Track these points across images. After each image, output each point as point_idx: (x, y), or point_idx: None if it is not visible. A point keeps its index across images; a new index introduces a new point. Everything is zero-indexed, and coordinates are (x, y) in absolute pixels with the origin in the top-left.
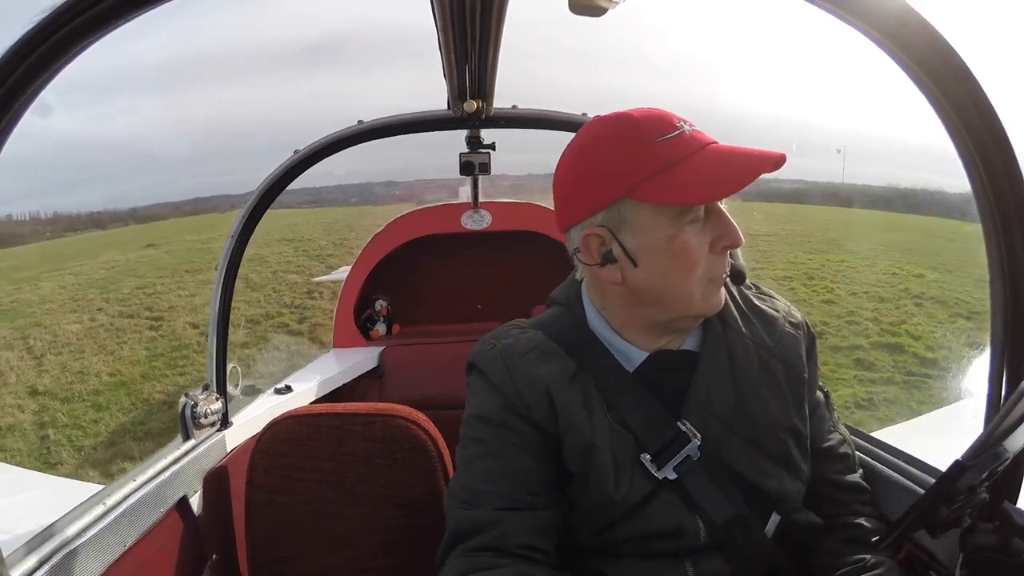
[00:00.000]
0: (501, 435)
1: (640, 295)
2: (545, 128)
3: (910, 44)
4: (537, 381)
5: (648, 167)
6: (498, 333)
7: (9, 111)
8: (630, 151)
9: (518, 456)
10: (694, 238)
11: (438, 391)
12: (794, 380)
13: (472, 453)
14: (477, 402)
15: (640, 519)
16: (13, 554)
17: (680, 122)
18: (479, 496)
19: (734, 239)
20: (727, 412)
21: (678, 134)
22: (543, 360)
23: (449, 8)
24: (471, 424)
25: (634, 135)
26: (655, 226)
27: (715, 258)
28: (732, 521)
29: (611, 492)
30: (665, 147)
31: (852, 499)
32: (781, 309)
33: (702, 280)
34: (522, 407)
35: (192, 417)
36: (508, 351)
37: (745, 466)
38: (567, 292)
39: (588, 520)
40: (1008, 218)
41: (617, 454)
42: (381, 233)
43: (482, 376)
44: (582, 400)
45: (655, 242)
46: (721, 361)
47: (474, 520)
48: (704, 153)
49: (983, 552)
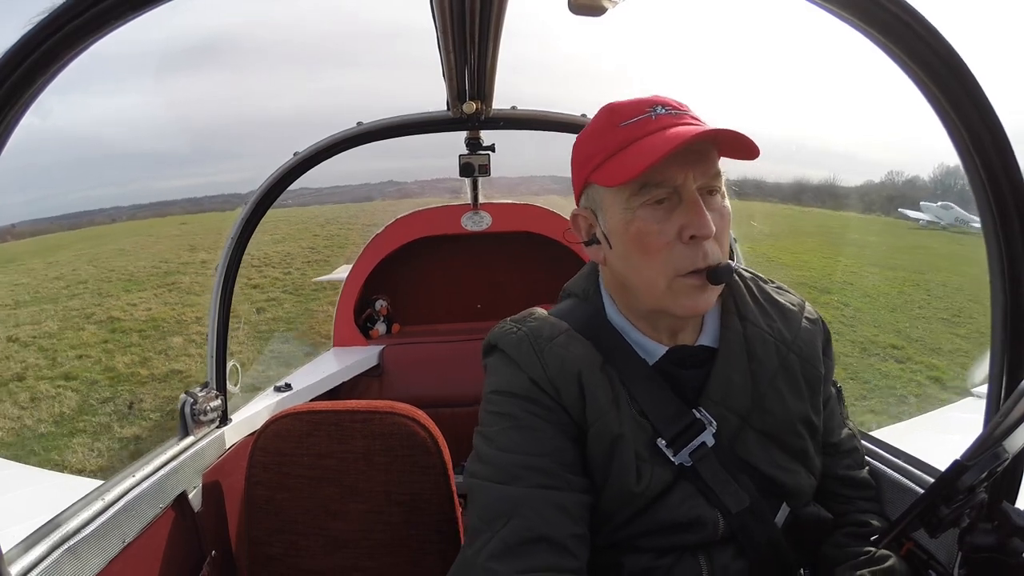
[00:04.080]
0: (531, 410)
1: (620, 278)
2: (545, 129)
3: (910, 44)
4: (569, 365)
5: (605, 151)
6: (519, 318)
7: (9, 112)
8: (597, 137)
9: (551, 433)
10: (651, 223)
11: (438, 390)
12: (811, 375)
13: (498, 428)
14: (501, 379)
15: (659, 511)
16: (13, 549)
17: (656, 107)
18: (512, 471)
19: (698, 228)
20: (744, 406)
21: (641, 118)
22: (572, 346)
23: (448, 9)
24: (493, 400)
25: (606, 122)
26: (615, 208)
27: (683, 248)
28: (746, 511)
29: (632, 486)
30: (624, 131)
31: (859, 495)
32: (798, 304)
33: (666, 271)
34: (551, 389)
35: (191, 414)
36: (535, 333)
37: (761, 459)
38: (584, 284)
39: (607, 514)
40: (1008, 218)
41: (638, 446)
42: (381, 234)
43: (505, 356)
44: (610, 391)
45: (616, 225)
46: (739, 356)
47: (512, 499)
48: (654, 135)
49: (981, 552)
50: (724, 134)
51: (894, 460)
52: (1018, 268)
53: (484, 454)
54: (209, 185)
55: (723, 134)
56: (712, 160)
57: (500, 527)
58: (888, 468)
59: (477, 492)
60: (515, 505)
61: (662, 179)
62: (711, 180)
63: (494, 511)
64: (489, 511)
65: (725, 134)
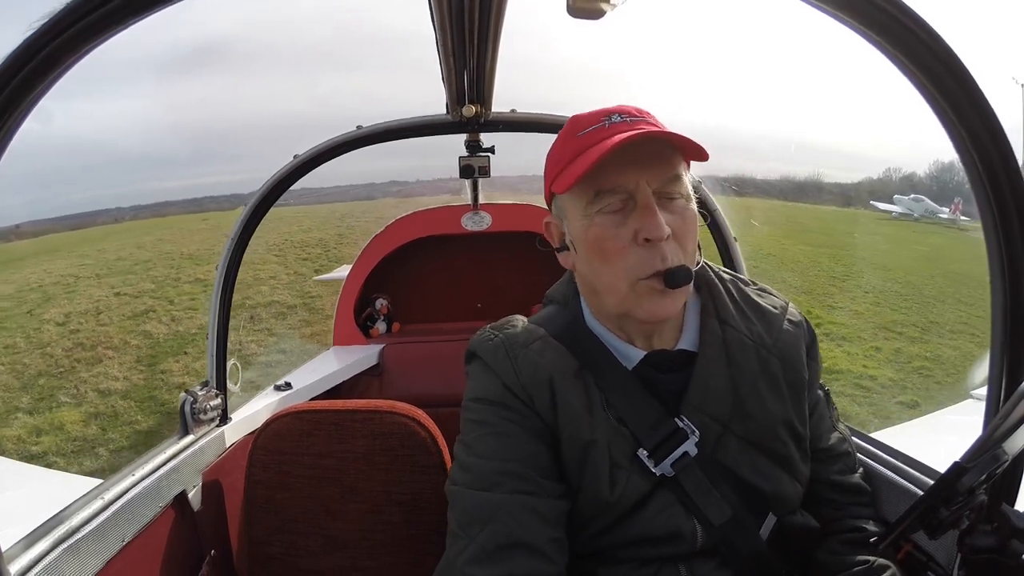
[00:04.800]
0: (505, 416)
1: (588, 284)
2: (544, 132)
3: (909, 45)
4: (541, 371)
5: (562, 161)
6: (498, 324)
7: (10, 117)
8: (559, 147)
9: (526, 438)
10: (607, 228)
11: (438, 389)
12: (793, 379)
13: (476, 435)
14: (477, 386)
15: (637, 522)
16: (12, 548)
17: (611, 115)
18: (490, 478)
19: (651, 231)
20: (725, 412)
21: (596, 127)
22: (547, 352)
23: (447, 13)
24: (471, 408)
25: (567, 132)
26: (574, 216)
27: (639, 251)
28: (728, 523)
29: (606, 494)
30: (579, 140)
31: (853, 501)
32: (780, 306)
33: (626, 275)
34: (524, 395)
35: (191, 413)
36: (511, 340)
37: (743, 466)
38: (564, 290)
39: (582, 522)
40: (1008, 218)
41: (614, 453)
42: (382, 233)
43: (483, 363)
44: (584, 397)
45: (578, 231)
46: (719, 360)
47: (490, 504)
48: (603, 142)
49: (981, 553)
50: (664, 135)
51: (893, 462)
52: (1018, 268)
53: (462, 461)
54: (209, 186)
55: (660, 135)
56: (669, 164)
57: (477, 532)
58: (886, 469)
59: (456, 498)
60: (492, 511)
61: (614, 185)
62: (666, 184)
63: (471, 516)
64: (466, 516)
65: (664, 135)
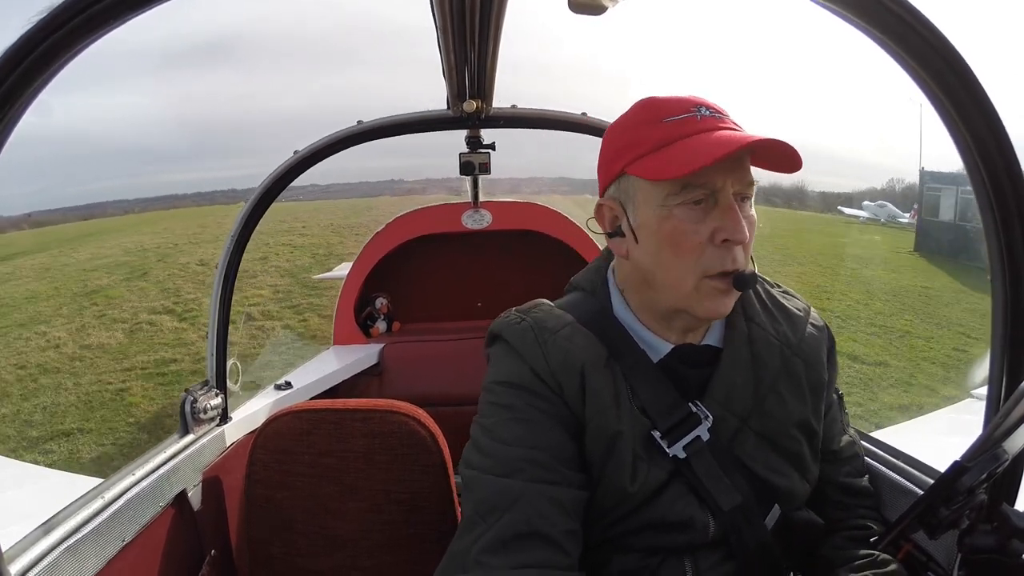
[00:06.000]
0: (531, 402)
1: (643, 274)
2: (545, 127)
3: (912, 44)
4: (572, 359)
5: (647, 144)
6: (524, 308)
7: (8, 112)
8: (638, 129)
9: (550, 425)
10: (687, 223)
11: (438, 388)
12: (814, 381)
13: (498, 419)
14: (502, 369)
15: (652, 509)
16: (12, 548)
17: (700, 107)
18: (512, 464)
19: (732, 233)
20: (745, 408)
21: (686, 116)
22: (576, 338)
23: (448, 8)
24: (494, 390)
25: (647, 115)
26: (650, 203)
27: (714, 250)
28: (737, 510)
29: (627, 484)
30: (669, 127)
31: (859, 503)
32: (803, 309)
33: (695, 271)
34: (553, 383)
35: (191, 412)
36: (539, 325)
37: (757, 462)
38: (592, 278)
39: (600, 512)
40: (1008, 218)
41: (636, 444)
42: (382, 232)
43: (508, 347)
44: (612, 387)
45: (649, 220)
46: (743, 357)
47: (512, 491)
48: (702, 135)
49: (981, 553)
50: (776, 144)
51: (893, 461)
52: (1019, 269)
53: (482, 445)
54: (216, 180)
55: (776, 144)
56: (748, 168)
57: (495, 520)
58: (887, 469)
59: (473, 483)
60: (512, 499)
61: (703, 181)
62: (745, 187)
63: (490, 504)
64: (485, 504)
65: (776, 144)
